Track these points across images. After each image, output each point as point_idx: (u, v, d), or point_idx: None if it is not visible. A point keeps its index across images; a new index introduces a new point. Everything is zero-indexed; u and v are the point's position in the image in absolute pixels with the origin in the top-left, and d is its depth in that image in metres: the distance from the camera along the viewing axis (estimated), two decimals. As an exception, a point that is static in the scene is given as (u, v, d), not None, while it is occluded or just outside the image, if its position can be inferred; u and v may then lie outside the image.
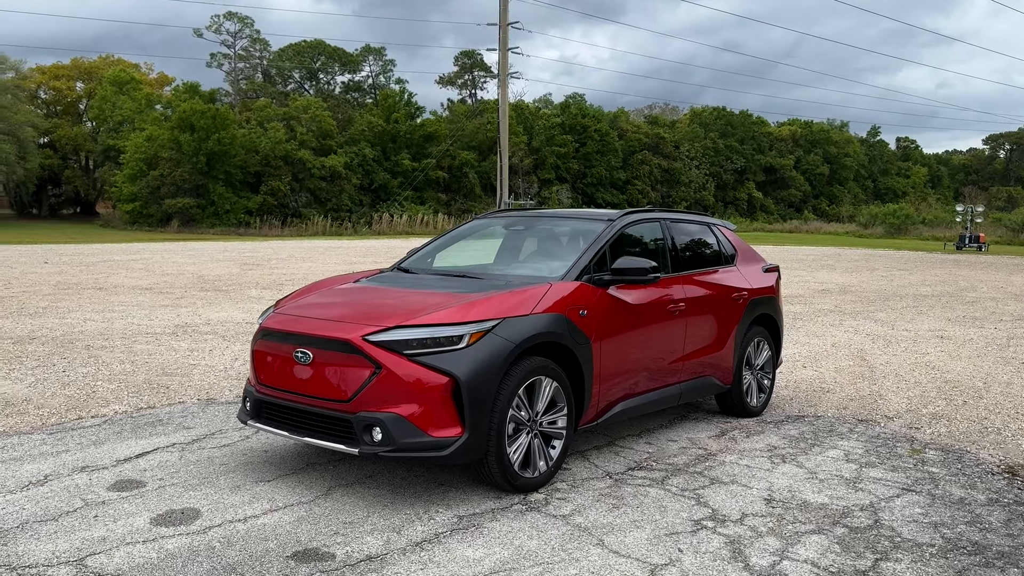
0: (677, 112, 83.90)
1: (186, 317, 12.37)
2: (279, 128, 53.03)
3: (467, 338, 4.56)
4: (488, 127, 59.98)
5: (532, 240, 6.38)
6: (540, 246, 6.27)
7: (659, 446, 5.99)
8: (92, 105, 56.97)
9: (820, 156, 79.50)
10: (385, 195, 56.57)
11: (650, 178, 65.68)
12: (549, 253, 6.04)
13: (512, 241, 6.51)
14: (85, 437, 5.90)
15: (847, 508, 4.78)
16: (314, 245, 35.58)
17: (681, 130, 73.75)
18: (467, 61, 69.45)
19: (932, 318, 13.94)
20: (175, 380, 7.95)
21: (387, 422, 4.42)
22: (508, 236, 6.56)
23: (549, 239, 6.28)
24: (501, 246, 6.50)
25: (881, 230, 58.58)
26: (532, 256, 6.19)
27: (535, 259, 6.08)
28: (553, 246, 6.15)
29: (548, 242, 6.26)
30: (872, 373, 9.08)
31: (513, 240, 6.51)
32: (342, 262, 24.50)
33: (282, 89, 64.24)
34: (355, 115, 60.42)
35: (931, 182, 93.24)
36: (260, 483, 4.96)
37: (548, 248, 6.17)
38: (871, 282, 20.86)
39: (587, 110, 65.39)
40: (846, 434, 6.49)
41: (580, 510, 4.61)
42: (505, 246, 6.50)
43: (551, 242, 6.23)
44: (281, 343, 4.88)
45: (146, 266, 21.88)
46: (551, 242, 6.23)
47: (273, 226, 49.71)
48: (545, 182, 60.07)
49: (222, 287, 16.90)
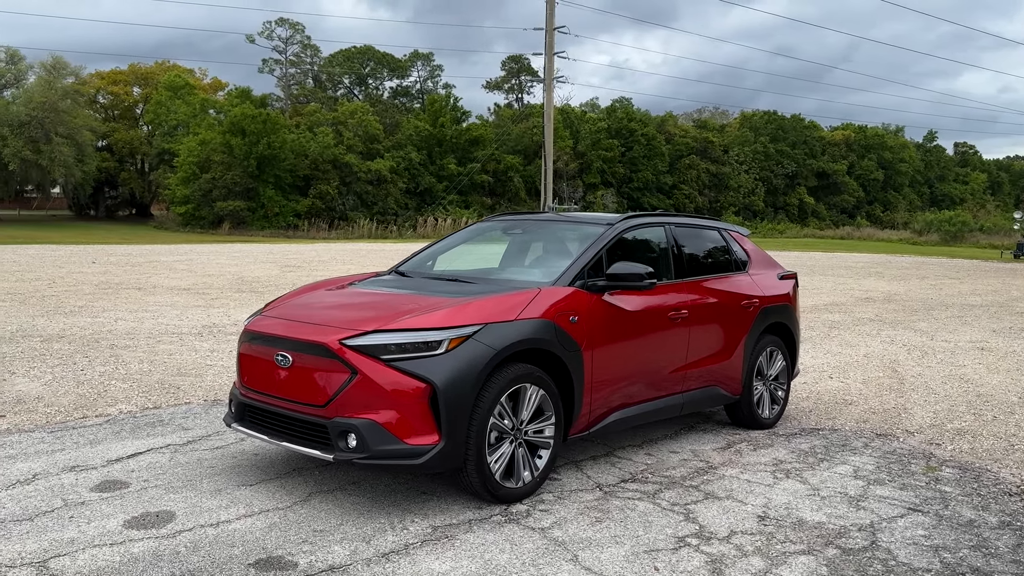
0: (727, 116, 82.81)
1: (215, 318, 12.50)
2: (328, 132, 53.69)
3: (446, 343, 4.45)
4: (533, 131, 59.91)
5: (531, 244, 6.26)
6: (539, 250, 6.15)
7: (659, 458, 5.80)
8: (148, 109, 58.33)
9: (874, 161, 77.68)
10: (430, 199, 56.87)
11: (697, 183, 64.89)
12: (546, 258, 5.91)
13: (512, 245, 6.39)
14: (83, 436, 5.94)
15: (844, 528, 4.55)
16: (357, 248, 35.88)
17: (731, 134, 72.74)
18: (514, 66, 69.50)
19: (976, 329, 13.43)
20: (187, 380, 7.99)
21: (362, 428, 4.34)
22: (509, 240, 6.44)
23: (548, 243, 6.15)
24: (503, 250, 6.39)
25: (936, 237, 57.02)
26: (529, 260, 6.06)
27: (532, 264, 5.95)
28: (551, 251, 6.01)
29: (547, 246, 6.13)
30: (901, 385, 8.74)
31: (513, 244, 6.39)
32: (381, 265, 24.64)
33: (332, 94, 65.07)
34: (402, 119, 60.89)
35: (991, 188, 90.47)
36: (241, 487, 4.92)
37: (546, 253, 6.04)
38: (918, 291, 20.24)
39: (633, 114, 64.87)
40: (860, 449, 6.22)
41: (560, 523, 4.47)
42: (507, 250, 6.38)
43: (550, 246, 6.10)
44: (264, 346, 4.83)
45: (189, 267, 22.26)
46: (550, 246, 6.10)
47: (320, 229, 50.33)
48: (590, 186, 59.76)
49: (258, 288, 17.08)
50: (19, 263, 21.61)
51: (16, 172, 49.98)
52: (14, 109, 49.27)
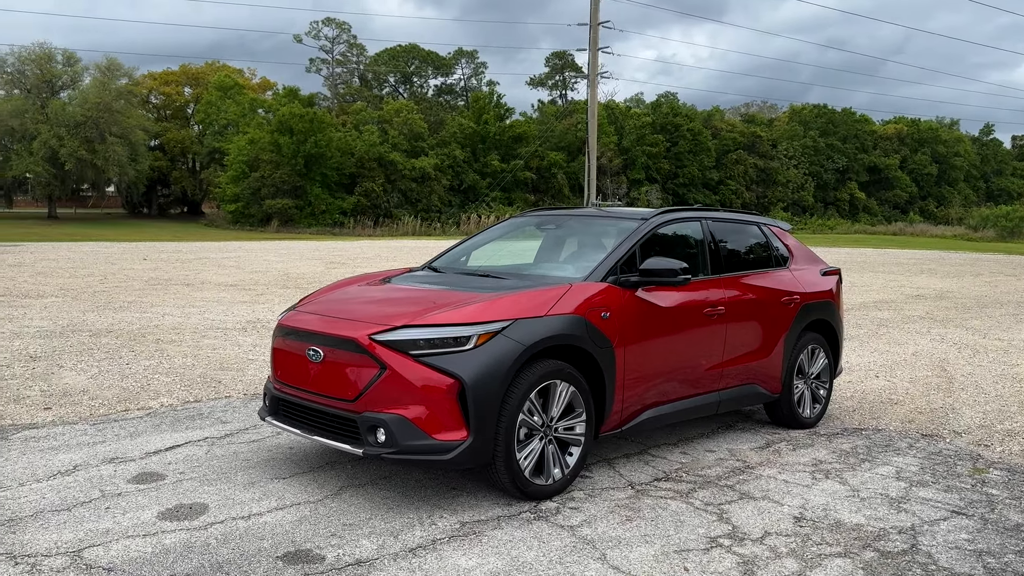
0: (775, 110, 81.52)
1: (260, 313, 12.67)
2: (373, 131, 54.17)
3: (475, 339, 4.42)
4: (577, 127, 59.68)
5: (565, 239, 6.20)
6: (573, 246, 6.09)
7: (694, 456, 5.71)
8: (198, 109, 59.50)
9: (928, 155, 75.80)
10: (474, 196, 57.03)
11: (745, 178, 64.02)
12: (579, 253, 5.85)
13: (546, 240, 6.34)
14: (124, 429, 6.05)
15: (883, 530, 4.42)
16: (401, 245, 36.12)
17: (779, 129, 71.59)
18: (558, 62, 69.30)
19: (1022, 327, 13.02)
20: (229, 375, 8.10)
21: (391, 423, 4.34)
22: (544, 236, 6.39)
23: (582, 238, 6.08)
24: (538, 245, 6.34)
25: (992, 233, 55.42)
26: (563, 256, 6.01)
27: (565, 259, 5.90)
28: (585, 246, 5.95)
29: (580, 241, 6.06)
30: (949, 385, 8.50)
31: (547, 239, 6.34)
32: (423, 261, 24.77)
33: (377, 93, 65.61)
34: (446, 117, 61.13)
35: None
36: (275, 480, 4.96)
37: (580, 248, 5.98)
38: (972, 288, 19.68)
39: (679, 109, 64.24)
40: (904, 450, 6.05)
41: (590, 521, 4.41)
42: (541, 245, 6.33)
43: (583, 241, 6.03)
44: (296, 341, 4.87)
45: (237, 264, 22.62)
46: (583, 241, 6.03)
47: (366, 226, 50.80)
48: (635, 182, 59.35)
49: (303, 284, 17.28)
50: (73, 260, 22.18)
51: (72, 171, 51.35)
52: (70, 110, 50.63)
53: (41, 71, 52.99)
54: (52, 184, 51.72)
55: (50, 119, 50.21)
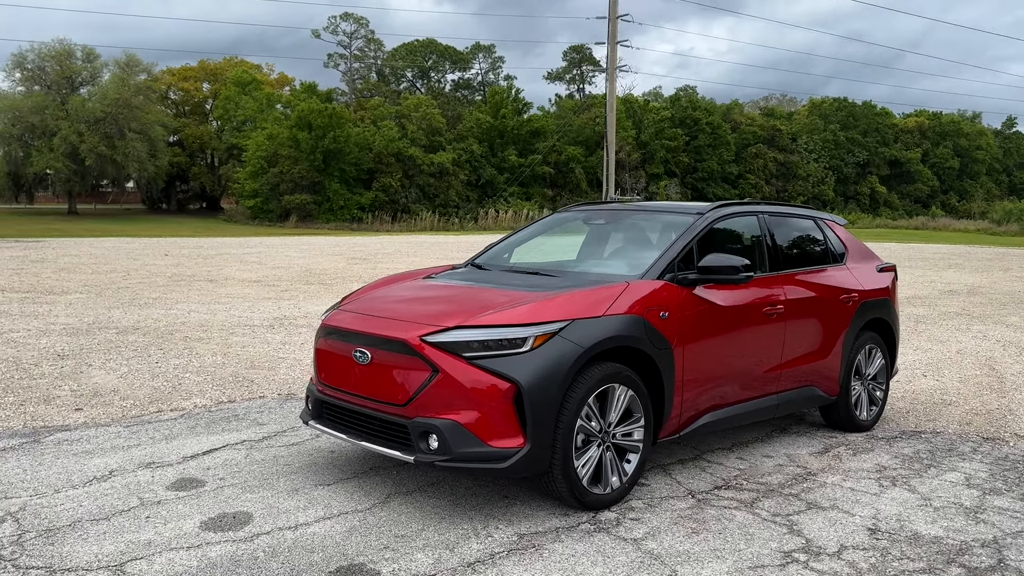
0: (795, 104, 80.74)
1: (286, 310, 12.51)
2: (391, 126, 54.00)
3: (531, 341, 4.20)
4: (595, 122, 59.29)
5: (614, 235, 5.94)
6: (622, 241, 5.83)
7: (752, 462, 5.47)
8: (217, 105, 59.54)
9: (950, 149, 74.83)
10: (491, 191, 56.78)
11: (764, 172, 63.38)
12: (631, 249, 5.60)
13: (593, 236, 6.09)
14: (159, 431, 5.87)
15: (965, 544, 4.17)
16: (421, 240, 35.95)
17: (799, 122, 70.86)
18: (576, 56, 68.88)
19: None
20: (261, 374, 7.92)
21: (444, 429, 4.12)
22: (589, 231, 6.14)
23: (632, 234, 5.83)
24: (582, 241, 6.10)
25: (1016, 227, 54.63)
26: (613, 252, 5.75)
27: (616, 255, 5.64)
28: (636, 242, 5.70)
29: (631, 237, 5.81)
30: (1002, 384, 8.20)
31: (594, 235, 6.09)
32: (444, 257, 24.57)
33: (395, 88, 65.45)
34: (464, 112, 60.90)
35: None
36: (319, 487, 4.76)
37: (630, 244, 5.72)
38: (1004, 283, 19.28)
39: (698, 102, 63.65)
40: (968, 454, 5.78)
41: (654, 533, 4.18)
42: (586, 241, 6.08)
43: (634, 237, 5.78)
44: (341, 341, 4.66)
45: (259, 260, 22.51)
46: (634, 237, 5.78)
47: (384, 221, 50.66)
48: (653, 176, 58.90)
49: (327, 280, 17.12)
50: (95, 255, 22.13)
51: (92, 167, 51.50)
52: (90, 106, 50.72)
53: (61, 67, 53.13)
54: (72, 180, 51.87)
55: (70, 115, 50.34)
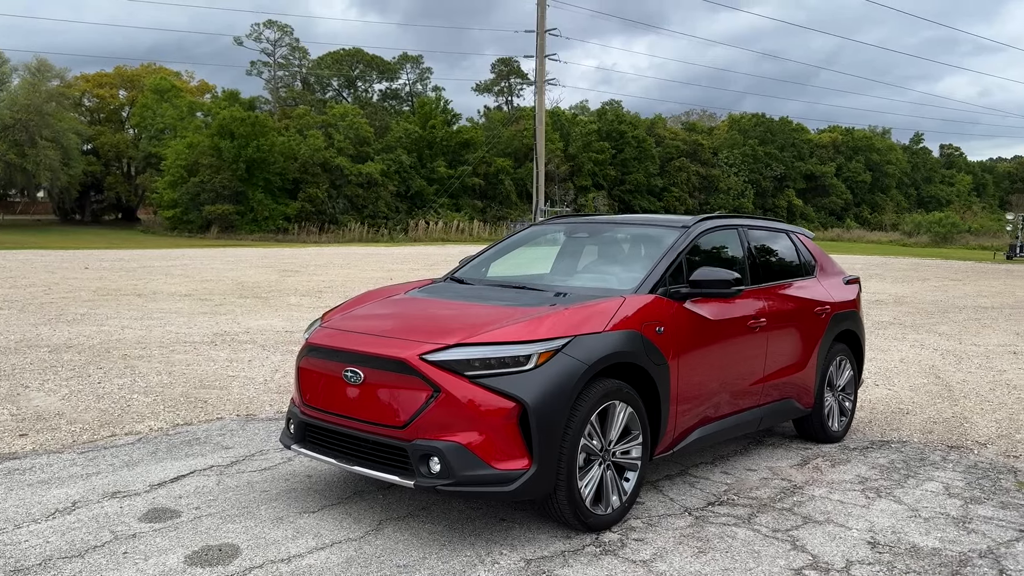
0: (715, 119, 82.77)
1: (225, 325, 12.06)
2: (317, 135, 53.13)
3: (535, 358, 4.07)
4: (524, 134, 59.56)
5: (597, 248, 5.85)
6: (606, 255, 5.74)
7: (737, 476, 5.45)
8: (134, 112, 57.52)
9: (862, 163, 77.87)
10: (421, 202, 56.41)
11: (688, 185, 64.74)
12: (617, 263, 5.52)
13: (576, 250, 5.97)
14: (118, 458, 5.52)
15: (964, 555, 4.21)
16: (351, 252, 35.39)
17: (719, 137, 72.68)
18: (504, 68, 69.14)
19: (999, 332, 13.19)
20: (213, 393, 7.57)
21: (447, 452, 3.95)
22: (570, 244, 6.03)
23: (616, 248, 5.76)
24: (562, 255, 5.98)
25: (926, 239, 57.15)
26: (598, 266, 5.63)
27: (602, 270, 5.52)
28: (621, 255, 5.63)
29: (615, 251, 5.73)
30: (951, 393, 8.44)
31: (577, 249, 5.97)
32: (380, 269, 24.21)
33: (320, 97, 64.49)
34: (392, 122, 60.39)
35: (976, 190, 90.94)
36: (304, 515, 4.52)
37: (615, 257, 5.65)
38: (925, 293, 20.03)
39: (624, 116, 64.64)
40: (940, 463, 5.90)
41: (661, 554, 4.10)
42: (569, 255, 5.96)
43: (618, 251, 5.71)
44: (329, 361, 4.44)
45: (185, 272, 21.74)
46: (618, 251, 5.71)
47: (311, 232, 49.74)
48: (582, 189, 59.48)
49: (261, 294, 16.62)
50: (9, 268, 21.02)
51: (1, 176, 49.09)
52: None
53: (-35, 71, 50.63)
54: (-22, 190, 49.40)
55: (-25, 121, 47.96)
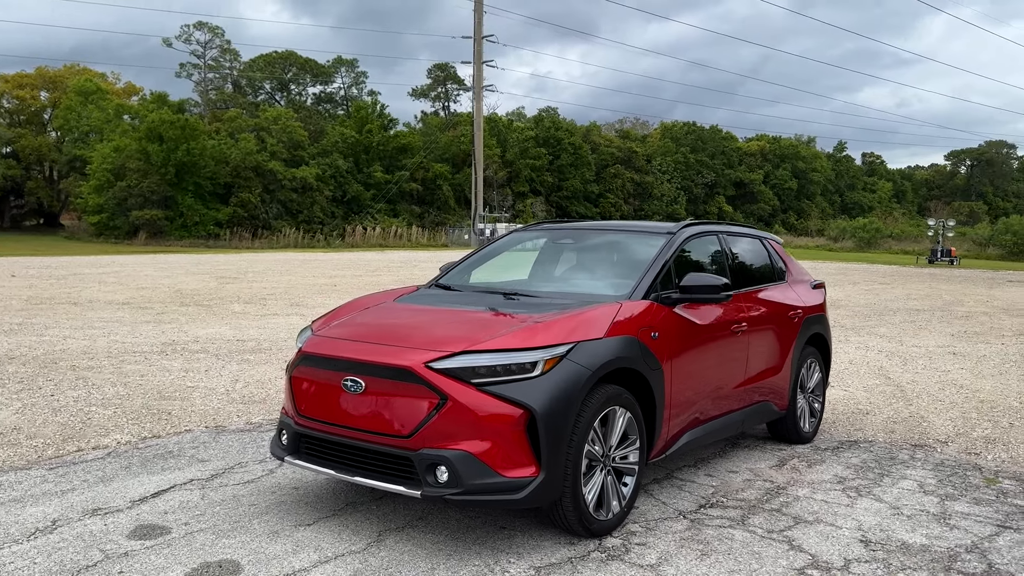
0: (647, 127, 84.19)
1: (172, 334, 11.72)
2: (250, 139, 52.14)
3: (541, 365, 4.07)
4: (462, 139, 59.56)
5: (583, 254, 5.84)
6: (593, 261, 5.72)
7: (721, 479, 5.53)
8: (57, 115, 55.56)
9: (788, 171, 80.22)
10: (358, 207, 55.85)
11: (623, 191, 65.69)
12: (606, 269, 5.53)
13: (561, 255, 5.97)
14: (91, 473, 5.30)
15: (951, 550, 4.36)
16: (288, 258, 34.79)
17: (652, 144, 74.00)
18: (440, 74, 69.08)
19: (935, 334, 13.71)
20: (175, 405, 7.35)
21: (454, 460, 3.91)
22: (555, 250, 6.02)
23: (603, 254, 5.77)
24: (548, 261, 5.97)
25: (851, 244, 59.09)
26: (587, 272, 5.59)
27: (592, 276, 5.51)
28: (609, 261, 5.64)
29: (602, 257, 5.74)
30: (903, 393, 8.74)
31: (562, 254, 5.97)
32: (322, 275, 23.86)
33: (252, 100, 63.34)
34: (327, 126, 59.68)
35: (896, 197, 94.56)
36: (300, 527, 4.42)
37: (604, 263, 5.65)
38: (857, 296, 20.70)
39: (560, 123, 65.26)
40: (909, 462, 6.10)
41: (667, 558, 4.13)
42: (554, 261, 5.95)
43: (606, 257, 5.72)
44: (327, 370, 4.35)
45: (119, 279, 21.08)
46: (606, 257, 5.72)
47: (243, 238, 48.74)
48: (519, 195, 59.77)
49: (203, 302, 16.21)
50: (-69, 277, 20.04)
51: (-89, 179, 46.83)
52: (-91, 112, 46.17)
53: None
54: None
55: None
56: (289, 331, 12.12)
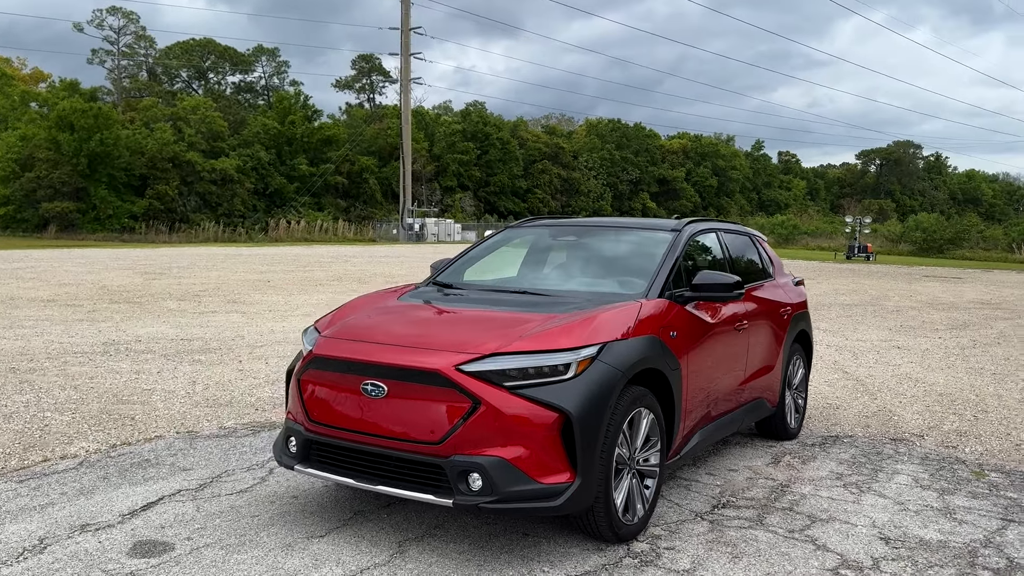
0: (573, 123, 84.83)
1: (110, 333, 11.13)
2: (166, 129, 50.37)
3: (575, 366, 3.93)
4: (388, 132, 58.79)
5: (589, 253, 5.66)
6: (601, 259, 5.53)
7: (724, 477, 5.50)
8: (-45, 100, 52.55)
9: (709, 169, 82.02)
10: (281, 200, 54.57)
11: (550, 187, 65.99)
12: (616, 267, 5.38)
13: (566, 253, 5.76)
14: (67, 485, 4.92)
15: (968, 545, 4.41)
16: (211, 252, 33.69)
17: (578, 141, 74.57)
18: (365, 65, 68.02)
19: (873, 328, 14.12)
20: (136, 409, 6.93)
21: (489, 468, 3.74)
22: (559, 248, 5.82)
23: (610, 251, 5.62)
24: (553, 259, 5.78)
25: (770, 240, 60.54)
26: (597, 271, 5.37)
27: (603, 274, 5.31)
28: (617, 259, 5.50)
29: (610, 255, 5.58)
30: (864, 387, 8.93)
31: (567, 252, 5.76)
32: (251, 271, 23.14)
33: (169, 88, 61.15)
34: (248, 117, 58.10)
35: (810, 194, 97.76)
36: (313, 540, 4.17)
37: (612, 261, 5.48)
38: (793, 292, 21.18)
39: (488, 118, 65.11)
40: (895, 456, 6.19)
41: (700, 563, 4.05)
42: (559, 259, 5.74)
43: (613, 255, 5.57)
44: (343, 373, 4.11)
45: (37, 275, 20.00)
46: (613, 255, 5.57)
47: (160, 232, 47.01)
48: (447, 189, 59.39)
49: (133, 299, 15.49)
50: None
51: None
52: None
53: None
54: None
55: None
56: (233, 330, 11.65)
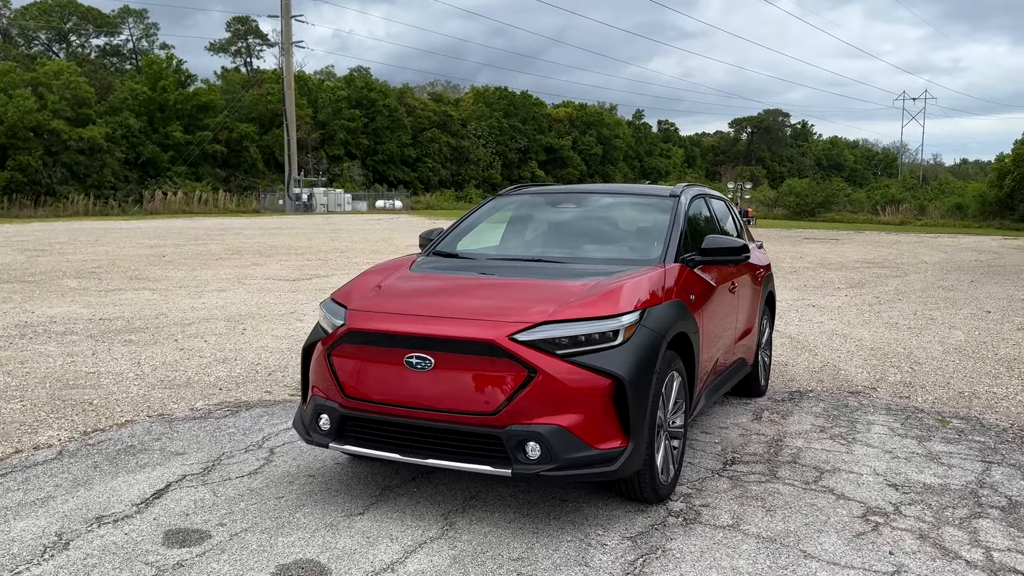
0: (459, 90, 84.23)
1: (17, 315, 10.39)
2: (26, 95, 46.84)
3: (623, 332, 3.94)
4: (268, 98, 56.71)
5: (594, 220, 5.60)
6: (606, 226, 5.51)
7: (719, 435, 5.67)
8: None
9: (594, 137, 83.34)
10: (155, 170, 51.88)
11: (440, 155, 65.47)
12: (623, 234, 5.41)
13: (568, 220, 5.66)
14: (56, 476, 4.57)
15: (970, 487, 4.71)
16: (86, 227, 31.77)
17: (466, 108, 74.14)
18: (240, 27, 65.18)
19: (781, 288, 14.71)
20: (89, 393, 6.50)
21: (547, 436, 3.71)
22: (561, 215, 5.73)
23: (614, 218, 5.61)
24: (556, 226, 5.67)
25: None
26: (607, 237, 5.34)
27: (614, 241, 5.30)
28: (622, 226, 5.51)
29: (615, 221, 5.56)
30: (801, 344, 9.34)
31: (569, 219, 5.67)
32: (139, 246, 21.99)
33: (27, 52, 56.80)
34: (115, 82, 54.76)
35: (687, 162, 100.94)
36: (354, 517, 4.04)
37: (617, 228, 5.50)
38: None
39: (373, 84, 63.75)
40: (863, 408, 6.52)
41: (741, 518, 4.16)
42: (562, 226, 5.63)
43: (618, 221, 5.57)
44: (384, 347, 3.96)
45: (-99, 253, 18.37)
46: (618, 221, 5.57)
47: (24, 206, 43.86)
48: (334, 158, 57.95)
49: (24, 278, 14.48)
50: None
51: None
52: None
53: None
54: None
55: None
56: (150, 308, 11.06)
